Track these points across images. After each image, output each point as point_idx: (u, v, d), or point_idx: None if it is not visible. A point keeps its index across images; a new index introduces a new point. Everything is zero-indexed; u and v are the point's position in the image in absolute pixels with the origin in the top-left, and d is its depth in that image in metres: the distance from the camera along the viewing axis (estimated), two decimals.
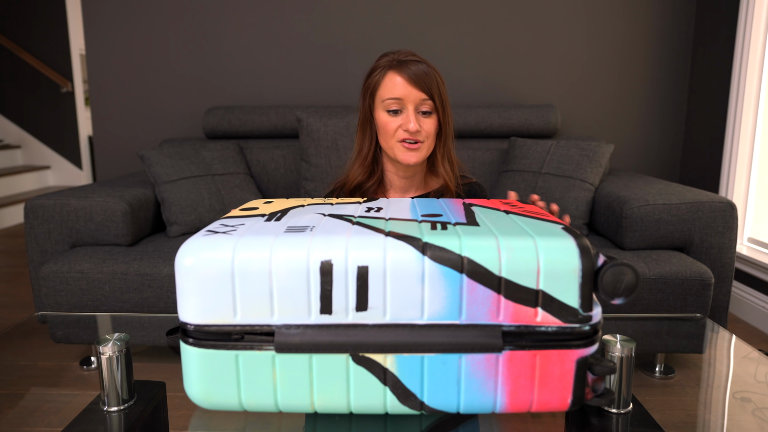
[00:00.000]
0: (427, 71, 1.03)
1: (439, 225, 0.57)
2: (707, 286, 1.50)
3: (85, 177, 5.25)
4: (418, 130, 1.02)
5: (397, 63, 1.04)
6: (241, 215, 0.64)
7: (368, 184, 1.12)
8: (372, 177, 1.12)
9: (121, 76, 2.48)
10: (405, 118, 1.03)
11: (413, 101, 1.02)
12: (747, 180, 2.19)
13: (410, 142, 1.03)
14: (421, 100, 1.02)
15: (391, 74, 1.03)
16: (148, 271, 1.55)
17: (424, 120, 1.04)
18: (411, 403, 0.53)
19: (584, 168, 1.86)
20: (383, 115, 1.05)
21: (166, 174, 1.85)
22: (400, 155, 1.05)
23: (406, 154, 1.04)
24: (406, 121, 1.02)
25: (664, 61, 2.44)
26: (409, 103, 1.02)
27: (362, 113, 1.11)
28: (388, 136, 1.05)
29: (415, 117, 1.02)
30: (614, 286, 0.51)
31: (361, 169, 1.11)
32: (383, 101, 1.04)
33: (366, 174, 1.12)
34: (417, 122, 1.02)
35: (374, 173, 1.12)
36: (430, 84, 1.02)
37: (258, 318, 0.52)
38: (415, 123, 1.02)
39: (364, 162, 1.11)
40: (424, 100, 1.02)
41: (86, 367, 0.87)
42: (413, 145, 1.03)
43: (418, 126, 1.02)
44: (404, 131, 1.03)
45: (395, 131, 1.04)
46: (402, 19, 2.41)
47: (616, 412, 0.63)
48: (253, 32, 2.43)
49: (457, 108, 2.22)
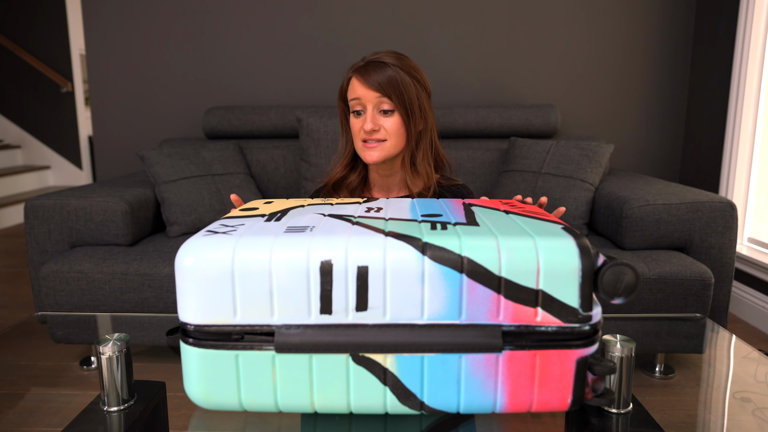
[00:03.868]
0: (389, 74, 1.05)
1: (439, 225, 0.57)
2: (707, 286, 1.50)
3: (85, 177, 5.25)
4: (375, 129, 1.06)
5: (360, 67, 1.08)
6: (241, 215, 0.64)
7: (350, 179, 1.16)
8: (353, 172, 1.17)
9: (121, 76, 2.48)
10: (363, 118, 1.08)
11: (371, 101, 1.06)
12: (747, 180, 2.19)
13: (370, 141, 1.07)
14: (377, 99, 1.05)
15: (353, 78, 1.08)
16: (148, 271, 1.55)
17: (384, 119, 1.07)
18: (411, 403, 0.53)
19: (584, 168, 1.86)
20: (352, 117, 1.10)
21: (166, 174, 1.85)
22: (362, 154, 1.09)
23: (366, 152, 1.08)
24: (364, 120, 1.07)
25: (664, 61, 2.44)
26: (367, 102, 1.06)
27: (340, 117, 1.17)
28: (355, 138, 1.10)
29: (372, 116, 1.06)
30: (614, 286, 0.51)
31: (340, 167, 1.17)
32: (349, 103, 1.09)
33: (346, 170, 1.17)
34: (374, 121, 1.06)
35: (355, 169, 1.17)
36: (387, 85, 1.05)
37: (258, 318, 0.52)
38: (371, 122, 1.06)
39: (344, 161, 1.17)
40: (380, 98, 1.05)
41: (86, 367, 0.87)
42: (373, 144, 1.07)
43: (376, 125, 1.06)
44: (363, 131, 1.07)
45: (359, 132, 1.08)
46: (402, 19, 2.41)
47: (616, 412, 0.63)
48: (253, 32, 2.43)
49: (457, 108, 2.22)
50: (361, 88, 1.06)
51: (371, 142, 1.07)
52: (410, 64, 1.08)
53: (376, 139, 1.07)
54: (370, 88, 1.05)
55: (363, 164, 1.17)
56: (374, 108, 1.06)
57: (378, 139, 1.07)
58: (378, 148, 1.07)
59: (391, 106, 1.06)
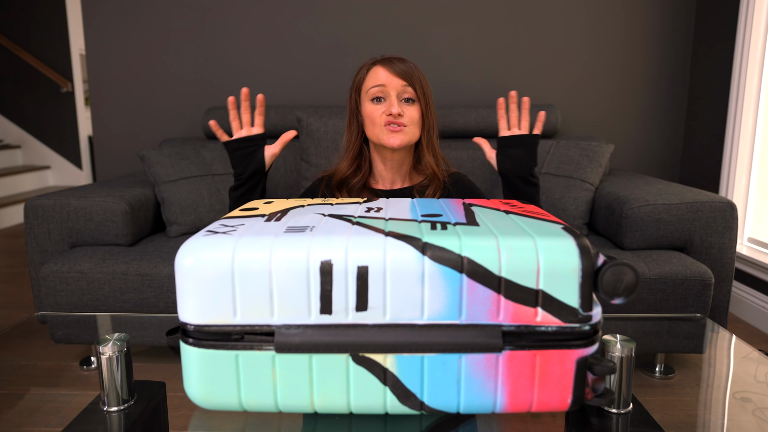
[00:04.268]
0: (411, 66, 1.11)
1: (439, 225, 0.57)
2: (707, 286, 1.50)
3: (85, 177, 5.25)
4: (401, 114, 1.09)
5: (381, 59, 1.13)
6: (241, 215, 0.64)
7: (353, 181, 1.17)
8: (358, 173, 1.18)
9: (121, 76, 2.48)
10: (388, 103, 1.10)
11: (395, 88, 1.10)
12: (747, 180, 2.19)
13: (394, 124, 1.09)
14: (402, 87, 1.10)
15: (376, 68, 1.12)
16: (148, 271, 1.55)
17: (407, 107, 1.11)
18: (411, 403, 0.53)
19: (584, 168, 1.86)
20: (368, 105, 1.12)
21: (166, 174, 1.85)
22: (384, 138, 1.10)
23: (391, 136, 1.10)
24: (389, 105, 1.09)
25: (664, 61, 2.44)
26: (391, 89, 1.10)
27: (349, 110, 1.18)
28: (374, 124, 1.11)
29: (397, 102, 1.09)
30: (614, 286, 0.51)
31: (347, 162, 1.18)
32: (368, 91, 1.11)
33: (352, 169, 1.18)
34: (400, 107, 1.09)
35: (360, 170, 1.18)
36: (411, 75, 1.10)
37: (258, 318, 0.52)
38: (398, 107, 1.09)
39: (350, 155, 1.18)
40: (405, 86, 1.10)
41: (86, 367, 0.87)
42: (397, 128, 1.09)
43: (401, 110, 1.09)
44: (388, 115, 1.09)
45: (380, 116, 1.10)
46: (402, 19, 2.41)
47: (616, 412, 0.63)
48: (253, 32, 2.43)
49: (457, 108, 2.22)
50: (387, 76, 1.09)
51: (395, 126, 1.09)
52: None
53: (400, 123, 1.09)
54: (397, 76, 1.09)
55: (368, 162, 1.19)
56: (397, 96, 1.10)
57: (402, 123, 1.09)
58: (401, 132, 1.10)
59: (413, 95, 1.11)
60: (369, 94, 1.11)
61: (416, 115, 1.11)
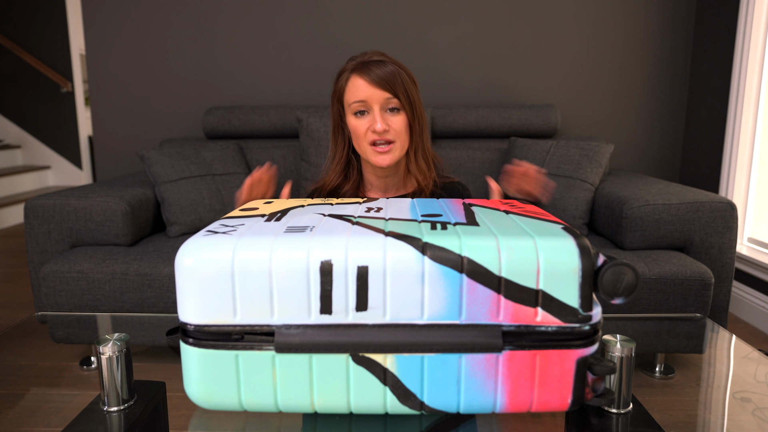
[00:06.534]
0: (392, 70, 1.03)
1: (439, 225, 0.57)
2: (707, 286, 1.50)
3: (85, 177, 5.25)
4: (386, 129, 1.03)
5: (359, 66, 1.04)
6: (241, 215, 0.64)
7: (345, 188, 1.13)
8: (348, 181, 1.13)
9: (121, 76, 2.48)
10: (372, 119, 1.03)
11: (378, 101, 1.02)
12: (747, 180, 2.19)
13: (381, 144, 1.04)
14: (385, 99, 1.02)
15: (354, 78, 1.04)
16: (148, 271, 1.55)
17: (392, 118, 1.04)
18: (411, 403, 0.53)
19: (584, 168, 1.86)
20: (352, 119, 1.06)
21: (166, 174, 1.85)
22: (372, 158, 1.05)
23: (378, 157, 1.05)
24: (372, 121, 1.03)
25: (664, 61, 2.44)
26: (374, 103, 1.03)
27: (333, 119, 1.12)
28: (360, 140, 1.05)
29: (381, 116, 1.03)
30: (614, 285, 0.51)
31: (335, 174, 1.13)
32: (350, 105, 1.05)
33: (341, 178, 1.13)
34: (384, 121, 1.03)
35: (349, 177, 1.13)
36: (393, 82, 1.02)
37: (258, 318, 0.52)
38: (382, 122, 1.02)
39: (337, 168, 1.13)
40: (389, 98, 1.03)
41: (86, 367, 0.87)
42: (384, 147, 1.04)
43: (386, 125, 1.03)
44: (373, 132, 1.03)
45: (365, 133, 1.04)
46: (402, 19, 2.41)
47: (616, 412, 0.63)
48: (253, 32, 2.43)
49: (457, 108, 2.22)
50: (367, 88, 1.02)
51: (381, 145, 1.04)
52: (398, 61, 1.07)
53: (386, 140, 1.04)
54: (378, 87, 1.01)
55: (357, 170, 1.14)
56: (381, 108, 1.03)
57: (387, 140, 1.04)
58: (389, 151, 1.04)
59: (398, 105, 1.03)
60: (351, 108, 1.04)
61: (403, 125, 1.04)
